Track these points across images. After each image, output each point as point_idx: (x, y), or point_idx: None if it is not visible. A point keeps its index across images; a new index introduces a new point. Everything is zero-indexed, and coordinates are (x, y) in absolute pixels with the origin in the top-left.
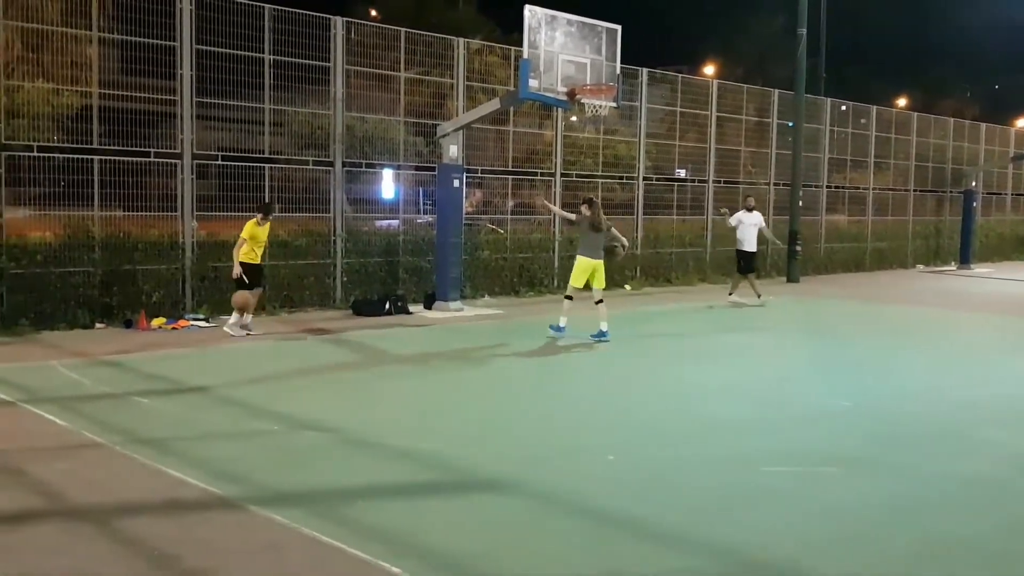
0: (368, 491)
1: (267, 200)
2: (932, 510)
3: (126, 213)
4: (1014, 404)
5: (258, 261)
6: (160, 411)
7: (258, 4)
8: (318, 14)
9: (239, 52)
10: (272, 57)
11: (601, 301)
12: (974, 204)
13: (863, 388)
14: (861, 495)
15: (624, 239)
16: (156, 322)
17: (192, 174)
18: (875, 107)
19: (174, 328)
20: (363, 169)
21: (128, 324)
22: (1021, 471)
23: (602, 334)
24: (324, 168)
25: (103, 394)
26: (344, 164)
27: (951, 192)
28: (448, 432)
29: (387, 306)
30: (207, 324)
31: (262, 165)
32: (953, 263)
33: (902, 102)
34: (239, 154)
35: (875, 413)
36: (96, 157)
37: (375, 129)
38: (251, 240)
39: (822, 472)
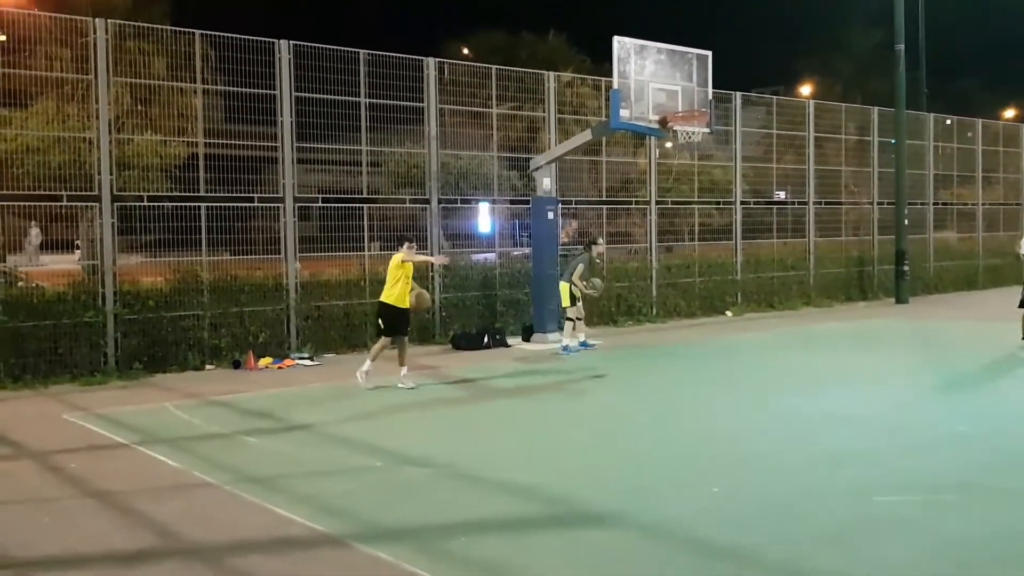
0: (472, 526)
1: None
2: None
3: (232, 257)
4: None
5: (401, 303)
6: (268, 449)
7: (352, 50)
8: (411, 56)
9: (336, 97)
10: (368, 100)
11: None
12: None
13: (980, 412)
14: (981, 525)
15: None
16: (263, 362)
17: (294, 216)
18: (981, 120)
19: (280, 367)
20: (458, 205)
21: (236, 365)
22: None
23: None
24: (421, 205)
25: (213, 434)
26: (440, 200)
27: None
28: (552, 464)
29: (486, 339)
30: (312, 362)
31: (361, 205)
32: None
33: (1010, 114)
34: (338, 195)
35: (994, 438)
36: (203, 204)
37: (469, 165)
38: (404, 278)
39: (940, 501)
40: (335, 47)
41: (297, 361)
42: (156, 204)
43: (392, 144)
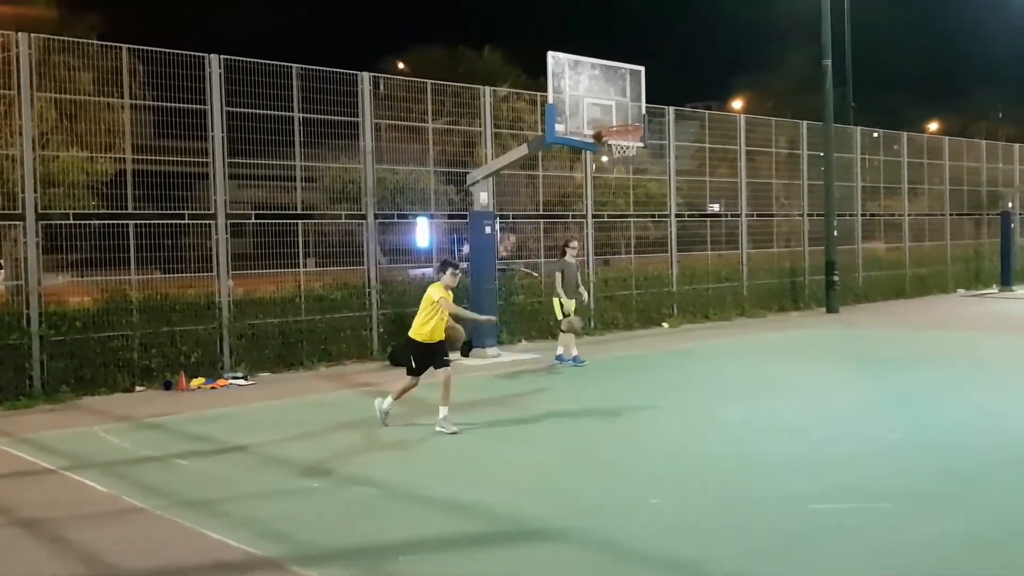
0: (415, 545)
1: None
2: (994, 545)
3: (163, 275)
4: None
5: (432, 339)
6: (202, 472)
7: (285, 65)
8: (345, 71)
9: (269, 112)
10: (301, 115)
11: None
12: (1012, 225)
13: (913, 420)
14: (916, 531)
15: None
16: (195, 382)
17: (226, 233)
18: (906, 133)
19: (213, 388)
20: (395, 220)
21: (168, 386)
22: None
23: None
24: (357, 221)
25: (145, 458)
26: (376, 216)
27: (988, 214)
28: (495, 482)
29: None
30: (246, 382)
31: (295, 221)
32: (995, 286)
33: (934, 127)
34: (272, 211)
35: (927, 445)
36: (131, 221)
37: (406, 180)
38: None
39: (876, 508)
40: (266, 61)
41: (231, 381)
42: (83, 222)
43: (327, 159)
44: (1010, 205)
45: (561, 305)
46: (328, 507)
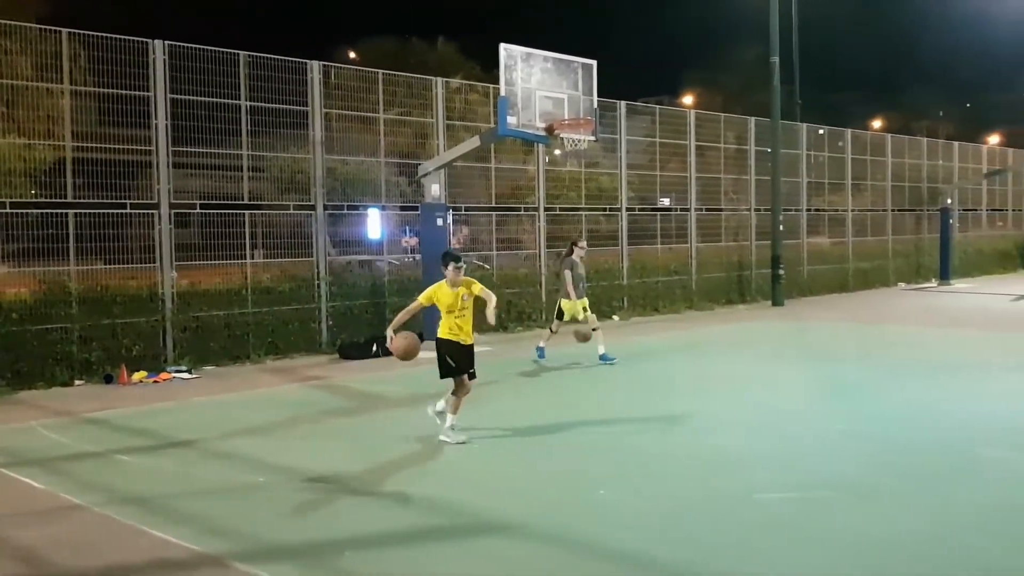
0: (363, 541)
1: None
2: (934, 535)
3: (105, 266)
4: (1011, 422)
5: (464, 338)
6: (144, 468)
7: (231, 52)
8: (294, 59)
9: (215, 99)
10: (249, 103)
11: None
12: (951, 221)
13: (855, 412)
14: (860, 521)
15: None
16: (137, 376)
17: (170, 224)
18: (850, 130)
19: (156, 382)
20: (345, 211)
21: (108, 380)
22: (1020, 493)
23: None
24: (306, 212)
25: (85, 453)
26: (326, 207)
27: (928, 210)
28: (448, 475)
29: (374, 348)
30: (190, 376)
31: (242, 211)
32: (934, 280)
33: (878, 124)
34: (218, 201)
35: (870, 437)
36: (71, 211)
37: (356, 171)
38: (440, 309)
39: (822, 499)
40: (212, 48)
41: (174, 375)
42: (20, 211)
43: (276, 149)
44: (949, 201)
45: (559, 309)
46: (274, 502)
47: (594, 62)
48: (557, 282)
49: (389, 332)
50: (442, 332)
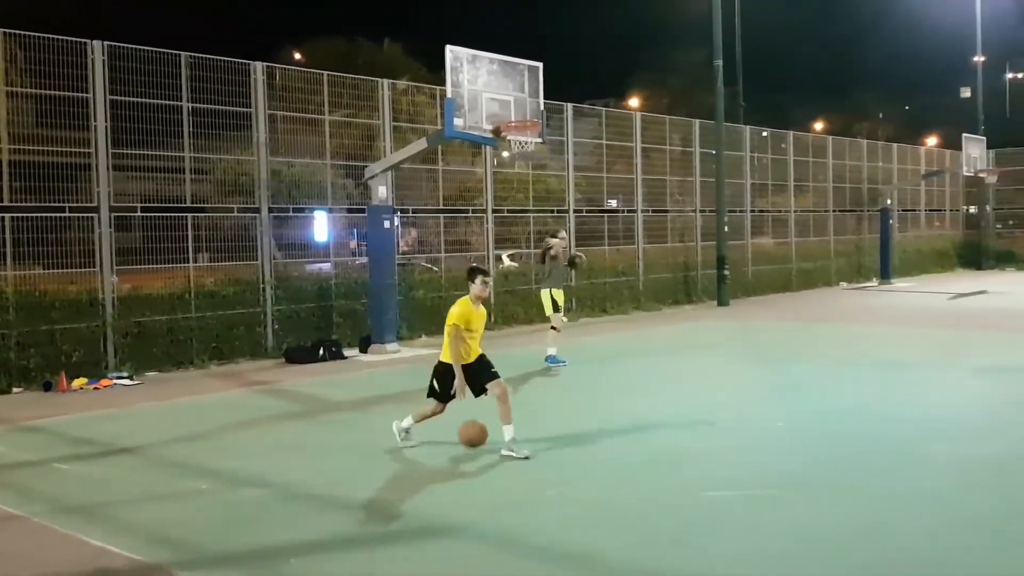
0: (308, 546)
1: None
2: (878, 527)
3: (43, 271)
4: (950, 417)
5: (471, 359)
6: (85, 477)
7: (173, 52)
8: (237, 60)
9: (156, 101)
10: (191, 105)
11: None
12: (891, 221)
13: (797, 409)
14: (804, 517)
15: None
16: (77, 383)
17: (110, 227)
18: (792, 132)
19: (96, 388)
20: (291, 214)
21: (47, 387)
22: (961, 484)
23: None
24: (250, 214)
25: (23, 462)
26: (271, 209)
27: (869, 211)
28: (393, 479)
29: (321, 352)
30: (132, 382)
31: (184, 214)
32: (874, 279)
33: (820, 126)
34: (160, 204)
35: (811, 434)
36: (8, 214)
37: (302, 173)
38: (463, 330)
39: (765, 495)
40: (153, 48)
41: (115, 381)
42: None
43: (219, 151)
44: (889, 202)
45: (553, 300)
46: (217, 510)
47: (540, 64)
48: (506, 283)
49: (459, 382)
50: (444, 356)
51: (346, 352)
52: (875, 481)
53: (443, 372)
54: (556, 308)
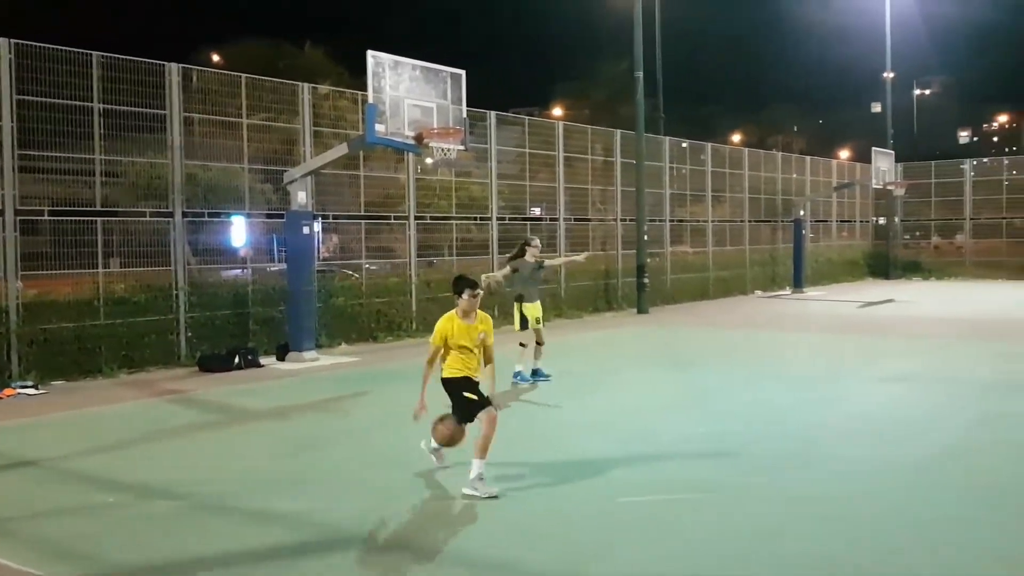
0: (220, 559)
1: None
2: (788, 530)
3: None
4: (860, 421)
5: (473, 374)
6: None
7: (84, 52)
8: (151, 60)
9: (66, 101)
10: (102, 106)
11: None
12: (803, 232)
13: (715, 414)
14: (724, 519)
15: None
16: None
17: (15, 231)
18: (711, 144)
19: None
20: (206, 219)
21: None
22: (868, 486)
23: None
24: (164, 219)
25: None
26: (185, 214)
27: (783, 221)
28: (311, 489)
29: (236, 360)
30: (37, 391)
31: (94, 218)
32: (788, 288)
33: (737, 138)
34: (69, 208)
35: (731, 437)
36: None
37: (219, 177)
38: (451, 346)
39: (683, 499)
40: (63, 48)
41: (19, 390)
42: None
43: (132, 153)
44: (802, 213)
45: (522, 314)
46: (126, 523)
47: (463, 72)
48: (428, 290)
49: (419, 403)
50: (448, 370)
51: (263, 360)
52: (788, 483)
53: (459, 385)
54: (524, 325)
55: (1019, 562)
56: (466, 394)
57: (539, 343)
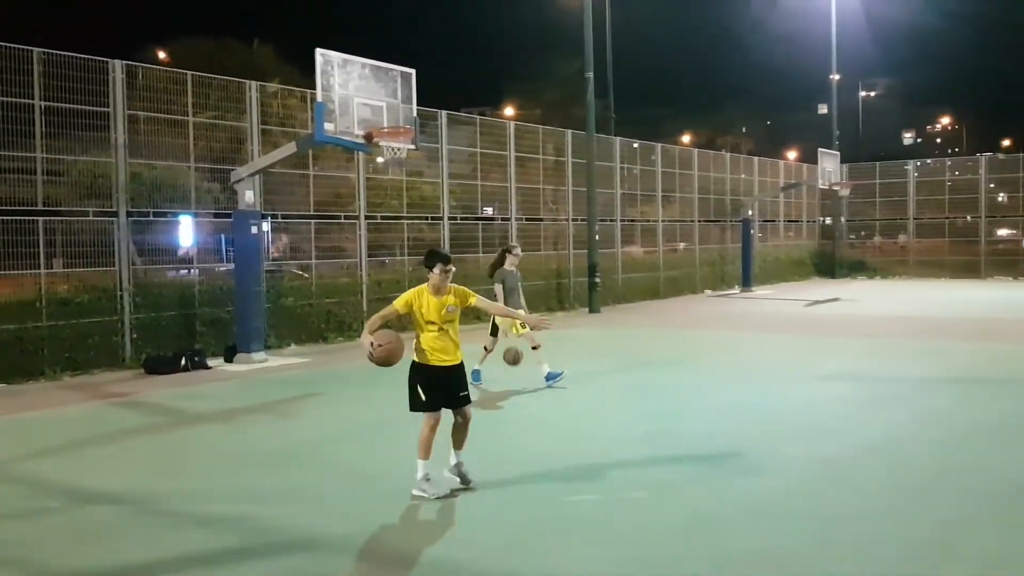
0: (162, 565)
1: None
2: (730, 527)
3: None
4: (804, 419)
5: (449, 359)
6: None
7: (24, 48)
8: (94, 57)
9: (6, 99)
10: (44, 103)
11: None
12: (752, 231)
13: (664, 412)
14: (664, 516)
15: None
16: None
17: None
18: (661, 145)
19: None
20: (151, 218)
21: None
22: (810, 484)
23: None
24: (108, 218)
25: None
26: (130, 213)
27: (731, 221)
28: (257, 492)
29: (183, 362)
30: None
31: (36, 218)
32: (737, 287)
33: (687, 139)
34: (9, 207)
35: (675, 435)
36: None
37: (165, 176)
38: (419, 322)
39: (627, 497)
40: (3, 44)
41: None
42: None
43: (74, 151)
44: (750, 213)
45: (494, 324)
46: (67, 528)
47: (413, 71)
48: (379, 291)
49: (366, 338)
50: (417, 354)
51: (210, 362)
52: (726, 481)
53: (420, 376)
54: (494, 332)
55: (928, 553)
56: (419, 390)
57: (535, 347)
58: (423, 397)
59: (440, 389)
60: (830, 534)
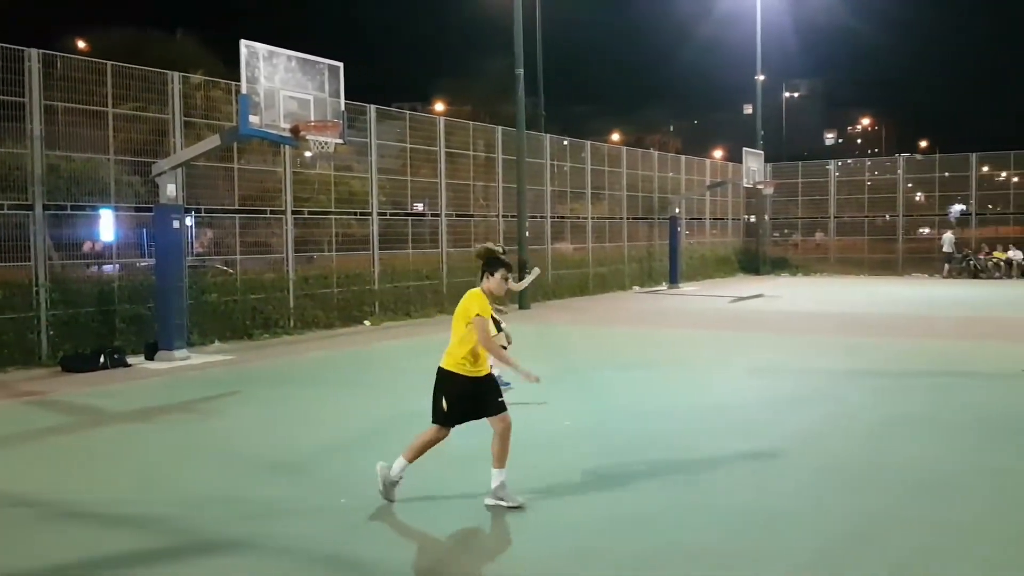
0: (74, 568)
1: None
2: (657, 523)
3: None
4: (731, 413)
5: (483, 368)
6: None
7: None
8: (8, 46)
9: None
10: None
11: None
12: (679, 229)
13: (589, 408)
14: (592, 513)
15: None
16: None
17: None
18: (590, 142)
19: None
20: (69, 212)
21: None
22: (738, 479)
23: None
24: (23, 212)
25: None
26: (46, 207)
27: (659, 218)
28: (176, 493)
29: (102, 360)
30: None
31: None
32: (664, 283)
33: (616, 137)
34: None
35: (600, 431)
36: None
37: (83, 169)
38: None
39: (552, 492)
40: None
41: None
42: None
43: None
44: (677, 210)
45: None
46: None
47: (340, 64)
48: (306, 287)
49: (520, 367)
50: (454, 363)
51: (130, 360)
52: (657, 477)
53: (452, 387)
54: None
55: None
56: (445, 402)
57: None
58: (444, 409)
59: (470, 403)
60: (754, 530)
